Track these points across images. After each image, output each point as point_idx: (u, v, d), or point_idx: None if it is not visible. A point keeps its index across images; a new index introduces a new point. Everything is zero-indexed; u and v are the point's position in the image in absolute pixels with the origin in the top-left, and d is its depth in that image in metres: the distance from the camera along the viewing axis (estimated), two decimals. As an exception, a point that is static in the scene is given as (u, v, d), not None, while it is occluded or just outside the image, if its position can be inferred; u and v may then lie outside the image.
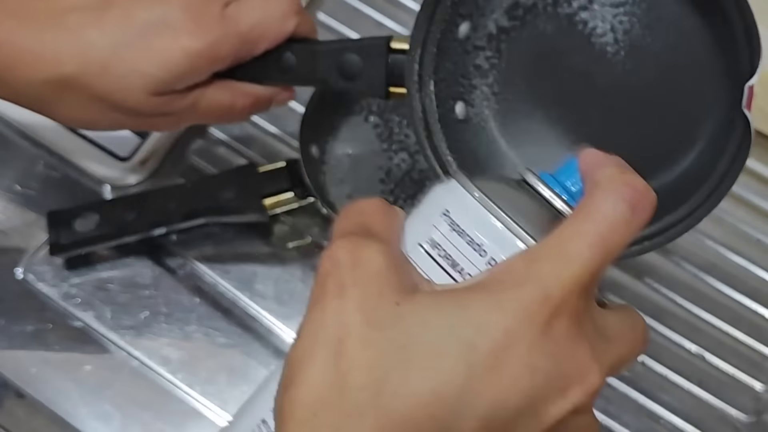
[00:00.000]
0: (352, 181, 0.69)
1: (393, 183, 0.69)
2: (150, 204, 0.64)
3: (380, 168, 0.69)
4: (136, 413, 0.62)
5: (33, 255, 0.66)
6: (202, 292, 0.66)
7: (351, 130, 0.70)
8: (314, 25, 0.58)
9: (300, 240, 0.68)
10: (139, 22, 0.53)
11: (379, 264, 0.36)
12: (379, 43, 0.55)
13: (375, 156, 0.70)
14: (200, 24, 0.53)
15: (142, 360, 0.64)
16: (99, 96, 0.53)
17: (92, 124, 0.57)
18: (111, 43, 0.52)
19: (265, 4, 0.55)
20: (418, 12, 0.52)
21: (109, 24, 0.53)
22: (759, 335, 0.66)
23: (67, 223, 0.64)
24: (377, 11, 0.77)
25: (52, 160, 0.70)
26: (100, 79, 0.52)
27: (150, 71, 0.53)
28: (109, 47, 0.52)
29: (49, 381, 0.63)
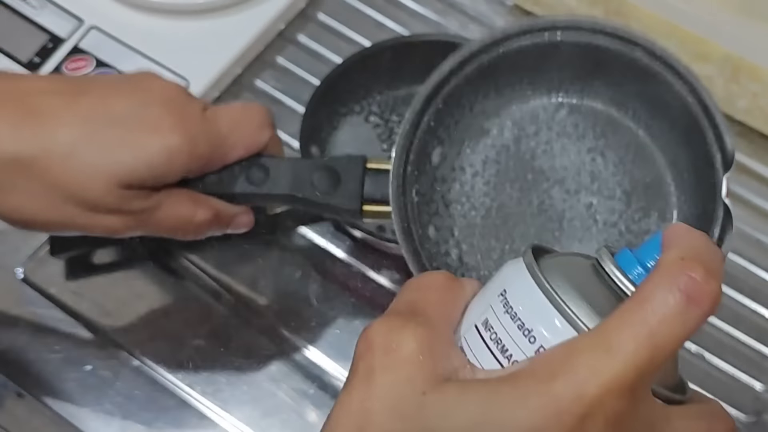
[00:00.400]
0: None
1: None
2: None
3: None
4: (136, 413, 0.62)
5: (33, 255, 0.66)
6: (203, 291, 0.66)
7: (351, 131, 0.70)
8: (282, 146, 0.59)
9: (300, 240, 0.69)
10: (117, 111, 0.51)
11: (411, 349, 0.34)
12: (355, 162, 0.56)
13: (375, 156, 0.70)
14: (181, 120, 0.51)
15: (142, 360, 0.64)
16: (57, 183, 0.49)
17: (35, 217, 0.51)
18: (83, 127, 0.49)
19: (243, 112, 0.55)
20: (399, 132, 0.54)
21: (83, 109, 0.50)
22: (759, 335, 0.66)
23: None
24: (378, 11, 0.77)
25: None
26: (64, 163, 0.49)
27: (124, 160, 0.50)
28: (80, 132, 0.49)
29: (49, 381, 0.63)
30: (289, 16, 0.76)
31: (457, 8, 0.79)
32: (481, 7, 0.79)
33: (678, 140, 0.55)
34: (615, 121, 0.56)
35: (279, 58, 0.75)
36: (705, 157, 0.52)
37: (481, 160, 0.57)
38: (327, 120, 0.69)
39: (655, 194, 0.55)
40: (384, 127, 0.71)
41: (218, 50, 0.72)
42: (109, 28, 0.73)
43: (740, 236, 0.70)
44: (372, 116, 0.71)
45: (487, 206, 0.56)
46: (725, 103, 0.72)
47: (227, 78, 0.73)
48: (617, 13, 0.73)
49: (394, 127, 0.71)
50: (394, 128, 0.71)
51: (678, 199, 0.55)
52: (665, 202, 0.55)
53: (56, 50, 0.71)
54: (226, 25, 0.73)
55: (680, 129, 0.54)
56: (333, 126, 0.70)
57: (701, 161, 0.53)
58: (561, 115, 0.57)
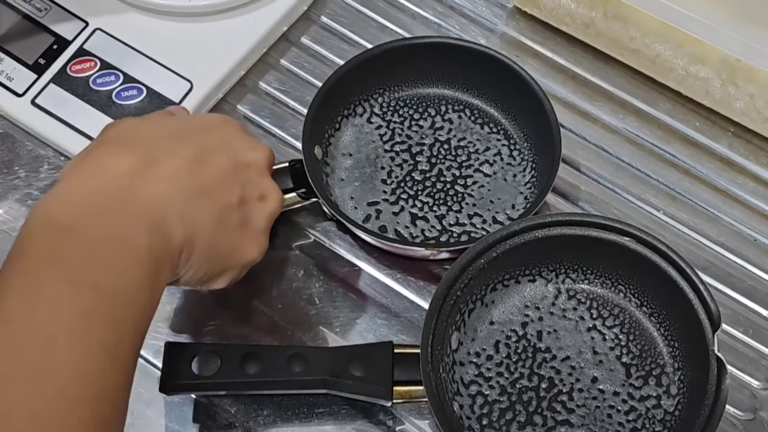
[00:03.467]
0: (355, 181, 0.70)
1: (395, 183, 0.69)
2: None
3: (382, 168, 0.70)
4: (141, 411, 0.63)
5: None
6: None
7: (354, 131, 0.71)
8: None
9: (303, 240, 0.69)
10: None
11: None
12: (385, 348, 0.60)
13: (377, 156, 0.70)
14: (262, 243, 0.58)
15: (146, 357, 0.64)
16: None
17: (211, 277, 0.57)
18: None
19: None
20: (425, 319, 0.59)
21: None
22: (756, 334, 0.67)
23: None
24: (379, 15, 0.78)
25: (57, 160, 0.71)
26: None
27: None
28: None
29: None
30: (292, 19, 0.76)
31: (457, 11, 0.79)
32: (481, 9, 0.79)
33: (667, 312, 0.62)
34: (609, 301, 0.64)
35: (282, 60, 0.76)
36: (693, 323, 0.59)
37: (493, 345, 0.63)
38: (329, 121, 0.70)
39: (652, 363, 0.62)
40: (386, 128, 0.71)
41: (222, 52, 0.73)
42: (114, 30, 0.73)
43: (737, 236, 0.71)
44: (374, 117, 0.72)
45: (501, 384, 0.61)
46: (722, 105, 0.73)
47: (231, 80, 0.73)
48: (615, 16, 0.73)
49: (396, 128, 0.71)
50: (396, 129, 0.71)
51: (672, 365, 0.62)
52: (661, 369, 0.62)
53: (62, 52, 0.72)
54: (229, 28, 0.74)
55: (668, 301, 0.62)
56: (335, 127, 0.71)
57: (690, 327, 0.60)
58: (561, 300, 0.64)
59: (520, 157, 0.70)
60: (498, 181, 0.70)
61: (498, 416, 0.60)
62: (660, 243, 0.61)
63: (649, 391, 0.61)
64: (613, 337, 0.63)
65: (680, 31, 0.71)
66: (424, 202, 0.69)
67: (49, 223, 0.48)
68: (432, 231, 0.67)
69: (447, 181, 0.69)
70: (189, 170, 0.53)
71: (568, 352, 0.62)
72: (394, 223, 0.68)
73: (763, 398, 0.65)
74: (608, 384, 0.61)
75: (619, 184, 0.72)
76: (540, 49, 0.78)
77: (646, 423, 0.60)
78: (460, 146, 0.71)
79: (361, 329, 0.66)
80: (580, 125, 0.75)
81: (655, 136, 0.74)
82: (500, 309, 0.63)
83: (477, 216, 0.68)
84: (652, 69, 0.75)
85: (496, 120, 0.72)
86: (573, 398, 0.61)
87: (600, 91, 0.76)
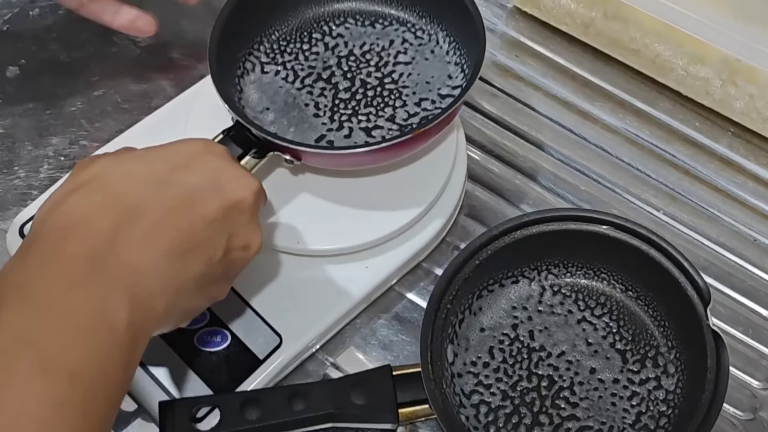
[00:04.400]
0: (290, 128, 0.66)
1: (328, 111, 0.66)
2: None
3: (306, 105, 0.66)
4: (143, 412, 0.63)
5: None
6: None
7: (256, 87, 0.67)
8: None
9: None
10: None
11: None
12: (383, 372, 0.59)
13: (295, 98, 0.67)
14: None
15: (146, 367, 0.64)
16: None
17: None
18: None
19: None
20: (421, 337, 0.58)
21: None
22: (756, 334, 0.67)
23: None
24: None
25: (57, 160, 0.71)
26: None
27: None
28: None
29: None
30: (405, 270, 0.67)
31: (457, 11, 0.79)
32: (481, 9, 0.79)
33: (654, 294, 0.63)
34: (594, 290, 0.64)
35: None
36: (683, 300, 0.60)
37: (487, 351, 0.62)
38: (232, 87, 0.66)
39: (646, 345, 0.62)
40: (284, 70, 0.68)
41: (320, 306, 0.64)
42: None
43: (737, 236, 0.71)
44: (266, 66, 0.68)
45: (502, 389, 0.61)
46: (722, 105, 0.73)
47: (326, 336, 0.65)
48: (615, 16, 0.73)
49: (294, 65, 0.68)
50: (294, 66, 0.68)
51: (666, 345, 0.62)
52: (656, 350, 0.62)
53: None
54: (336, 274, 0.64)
55: (653, 283, 0.62)
56: (239, 90, 0.67)
57: (679, 305, 0.60)
58: (547, 296, 0.64)
59: (427, 33, 0.69)
60: (421, 63, 0.68)
61: (504, 422, 0.60)
62: (638, 227, 0.61)
63: (647, 373, 0.61)
64: (604, 325, 0.63)
65: (680, 31, 0.71)
66: (367, 113, 0.66)
67: (26, 291, 0.44)
68: (392, 132, 0.65)
69: (374, 85, 0.67)
70: (174, 222, 0.49)
71: (562, 348, 0.62)
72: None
73: (763, 398, 0.65)
74: (607, 372, 0.61)
75: (619, 184, 0.72)
76: (540, 49, 0.78)
77: (650, 405, 0.60)
78: (366, 52, 0.69)
79: (361, 329, 0.66)
80: (580, 125, 0.75)
81: (655, 136, 0.74)
82: (488, 315, 0.63)
83: (423, 100, 0.66)
84: (652, 69, 0.75)
85: (383, 13, 0.71)
86: (575, 392, 0.61)
87: (600, 91, 0.76)
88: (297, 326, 0.62)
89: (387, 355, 0.65)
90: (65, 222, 0.47)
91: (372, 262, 0.64)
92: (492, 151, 0.73)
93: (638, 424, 0.60)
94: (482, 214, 0.70)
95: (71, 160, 0.71)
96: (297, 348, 0.62)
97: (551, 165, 0.73)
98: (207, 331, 0.62)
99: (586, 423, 0.60)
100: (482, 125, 0.74)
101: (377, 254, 0.64)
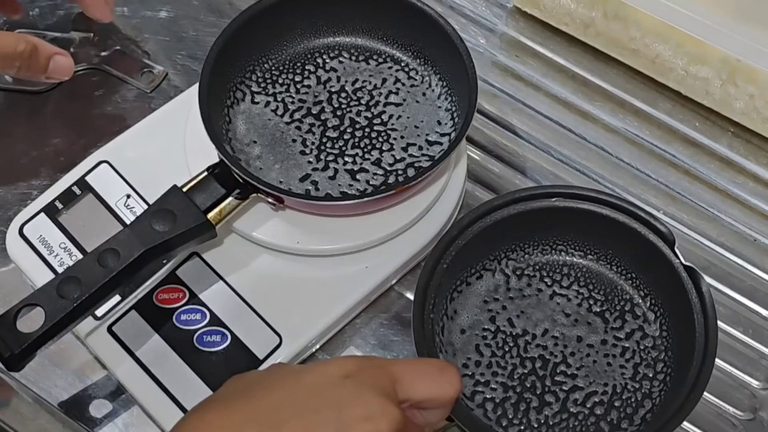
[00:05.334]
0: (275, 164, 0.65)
1: (315, 149, 0.66)
2: (87, 273, 0.57)
3: (294, 141, 0.66)
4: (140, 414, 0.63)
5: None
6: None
7: (244, 118, 0.67)
8: None
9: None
10: None
11: None
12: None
13: (282, 132, 0.67)
14: None
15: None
16: None
17: None
18: None
19: None
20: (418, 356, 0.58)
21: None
22: (756, 334, 0.67)
23: (11, 329, 0.56)
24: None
25: (57, 161, 0.71)
26: None
27: None
28: None
29: (56, 379, 0.64)
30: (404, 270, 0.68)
31: (457, 11, 0.79)
32: (481, 9, 0.79)
33: (614, 250, 0.64)
34: (555, 263, 0.65)
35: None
36: (645, 248, 0.62)
37: (474, 350, 0.62)
38: (221, 118, 0.66)
39: (620, 301, 0.64)
40: (275, 102, 0.68)
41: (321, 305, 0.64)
42: (210, 257, 0.65)
43: (737, 236, 0.71)
44: (256, 96, 0.68)
45: (501, 382, 0.61)
46: (722, 105, 0.73)
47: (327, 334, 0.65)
48: (615, 16, 0.73)
49: (284, 97, 0.68)
50: (285, 99, 0.68)
51: (638, 294, 0.64)
52: (630, 302, 0.64)
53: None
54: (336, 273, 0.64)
55: (611, 239, 0.63)
56: (227, 121, 0.66)
57: (643, 253, 0.62)
58: (513, 282, 0.64)
59: (420, 74, 0.69)
60: (411, 105, 0.68)
61: (513, 412, 0.60)
62: (586, 191, 0.63)
63: (630, 326, 0.63)
64: (575, 294, 0.64)
65: (680, 31, 0.71)
66: (354, 154, 0.66)
67: None
68: (377, 178, 0.65)
69: (363, 126, 0.67)
70: None
71: (544, 326, 0.63)
72: (336, 188, 0.64)
73: (763, 398, 0.65)
74: (593, 337, 0.62)
75: (619, 184, 0.72)
76: (540, 49, 0.78)
77: (642, 355, 0.62)
78: (357, 89, 0.68)
79: (362, 331, 0.66)
80: (580, 125, 0.75)
81: (655, 136, 0.74)
82: (464, 315, 0.63)
83: (411, 146, 0.66)
84: (651, 69, 0.75)
85: (377, 50, 0.70)
86: (570, 364, 0.61)
87: (600, 91, 0.76)
88: (297, 326, 0.62)
89: (387, 355, 0.65)
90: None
91: (372, 262, 0.64)
92: (492, 151, 0.73)
93: (638, 376, 0.61)
94: (482, 214, 0.70)
95: (71, 160, 0.71)
96: (297, 348, 0.62)
97: (551, 165, 0.73)
98: (207, 331, 0.62)
99: (590, 389, 0.61)
100: (482, 125, 0.74)
101: (377, 254, 0.64)
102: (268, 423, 0.45)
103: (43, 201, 0.66)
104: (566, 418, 0.60)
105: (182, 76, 0.75)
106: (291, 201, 0.62)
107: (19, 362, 0.56)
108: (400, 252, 0.65)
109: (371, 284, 0.64)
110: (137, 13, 0.78)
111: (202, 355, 0.62)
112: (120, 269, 0.57)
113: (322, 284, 0.64)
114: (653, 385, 0.61)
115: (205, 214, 0.60)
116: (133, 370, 0.61)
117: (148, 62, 0.76)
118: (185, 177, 0.62)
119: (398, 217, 0.64)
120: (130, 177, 0.67)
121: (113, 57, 0.76)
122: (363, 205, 0.63)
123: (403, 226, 0.64)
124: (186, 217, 0.59)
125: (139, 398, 0.61)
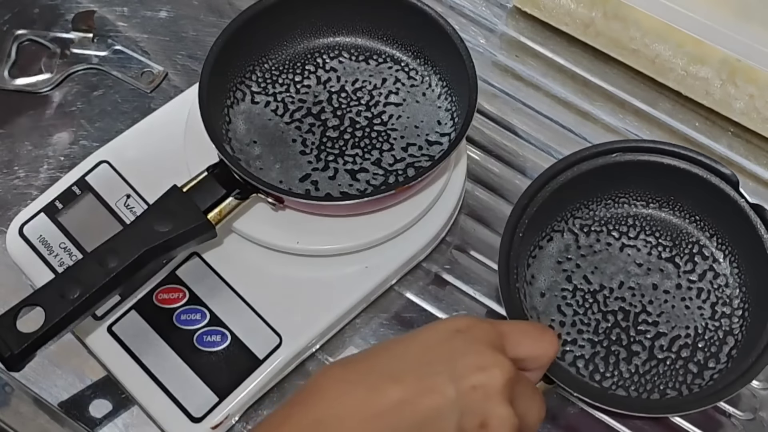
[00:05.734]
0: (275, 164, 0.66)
1: (315, 149, 0.66)
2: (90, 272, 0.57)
3: (294, 141, 0.66)
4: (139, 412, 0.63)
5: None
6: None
7: (244, 118, 0.67)
8: None
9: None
10: None
11: None
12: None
13: (282, 132, 0.67)
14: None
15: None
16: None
17: None
18: None
19: None
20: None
21: None
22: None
23: (11, 329, 0.56)
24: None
25: (57, 160, 0.71)
26: None
27: None
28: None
29: (56, 379, 0.64)
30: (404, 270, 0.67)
31: (457, 11, 0.79)
32: (481, 9, 0.79)
33: (676, 196, 0.66)
34: (620, 216, 0.67)
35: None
36: (710, 192, 0.64)
37: (557, 311, 0.64)
38: (220, 118, 0.66)
39: (688, 244, 0.66)
40: (275, 102, 0.68)
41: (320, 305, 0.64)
42: (210, 257, 0.64)
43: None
44: (256, 96, 0.68)
45: (587, 338, 0.63)
46: (722, 105, 0.73)
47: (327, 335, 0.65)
48: (615, 16, 0.73)
49: (284, 97, 0.68)
50: (285, 99, 0.68)
51: (705, 235, 0.66)
52: (698, 245, 0.66)
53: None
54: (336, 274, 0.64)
55: (674, 186, 0.66)
56: (227, 121, 0.66)
57: (708, 196, 0.64)
58: (582, 239, 0.66)
59: (420, 74, 0.69)
60: (411, 105, 0.68)
61: (604, 366, 0.62)
62: (645, 142, 0.65)
63: (701, 267, 0.65)
64: (644, 243, 0.66)
65: (680, 31, 0.71)
66: (354, 154, 0.66)
67: None
68: (377, 178, 0.65)
69: (363, 126, 0.67)
70: (402, 406, 0.46)
71: (619, 279, 0.65)
72: (336, 188, 0.65)
73: (763, 398, 0.65)
74: (667, 282, 0.65)
75: (619, 184, 0.72)
76: (540, 49, 0.78)
77: (717, 294, 0.64)
78: (357, 89, 0.68)
79: (362, 330, 0.66)
80: (580, 125, 0.75)
81: (655, 136, 0.74)
82: (541, 279, 0.65)
83: (411, 146, 0.66)
84: (651, 69, 0.75)
85: (377, 50, 0.70)
86: (650, 312, 0.64)
87: (600, 91, 0.76)
88: (297, 326, 0.62)
89: (387, 355, 0.64)
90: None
91: (372, 262, 0.64)
92: (492, 151, 0.73)
93: (717, 315, 0.64)
94: (482, 214, 0.70)
95: (71, 160, 0.71)
96: (297, 348, 0.62)
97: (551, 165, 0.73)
98: (207, 331, 0.62)
99: (673, 334, 0.63)
100: (482, 125, 0.74)
101: (377, 254, 0.64)
102: (386, 375, 0.47)
103: (43, 201, 0.66)
104: (655, 365, 0.62)
105: (182, 76, 0.75)
106: (291, 201, 0.62)
107: (19, 362, 0.56)
108: (400, 252, 0.65)
109: (371, 284, 0.64)
110: (137, 13, 0.78)
111: (202, 355, 0.62)
112: (120, 269, 0.57)
113: (322, 284, 0.64)
114: (733, 322, 0.63)
115: (205, 214, 0.60)
116: (133, 370, 0.61)
117: (148, 62, 0.76)
118: (185, 177, 0.62)
119: (398, 217, 0.64)
120: (130, 177, 0.67)
121: (113, 57, 0.76)
122: (363, 205, 0.63)
123: (403, 226, 0.64)
124: (186, 217, 0.60)
125: (139, 398, 0.61)
